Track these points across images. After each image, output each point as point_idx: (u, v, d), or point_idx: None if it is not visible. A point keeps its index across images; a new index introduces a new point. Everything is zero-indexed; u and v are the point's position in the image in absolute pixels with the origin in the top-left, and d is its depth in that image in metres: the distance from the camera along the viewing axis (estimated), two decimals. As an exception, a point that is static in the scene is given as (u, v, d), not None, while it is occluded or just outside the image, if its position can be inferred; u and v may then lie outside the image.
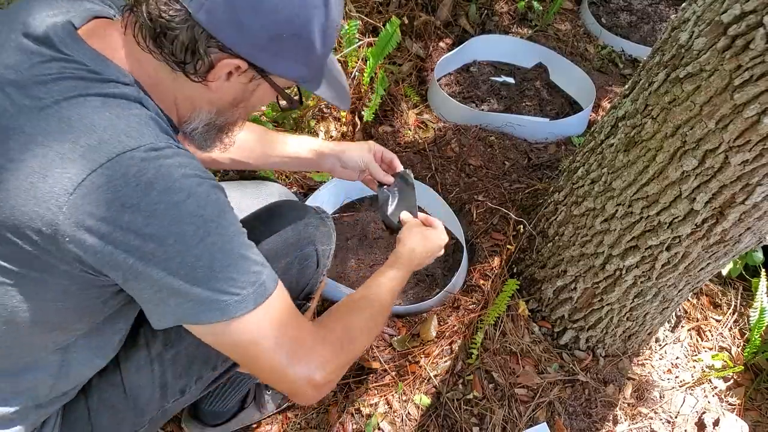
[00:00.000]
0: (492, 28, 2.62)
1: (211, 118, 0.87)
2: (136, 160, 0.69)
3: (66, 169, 0.67)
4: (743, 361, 1.68)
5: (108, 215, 0.67)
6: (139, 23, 0.74)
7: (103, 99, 0.72)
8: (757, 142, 0.99)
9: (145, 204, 0.68)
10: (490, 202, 1.86)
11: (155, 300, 0.74)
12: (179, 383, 1.01)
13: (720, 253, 1.26)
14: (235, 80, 0.81)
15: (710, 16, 1.02)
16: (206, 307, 0.73)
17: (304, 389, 0.83)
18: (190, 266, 0.71)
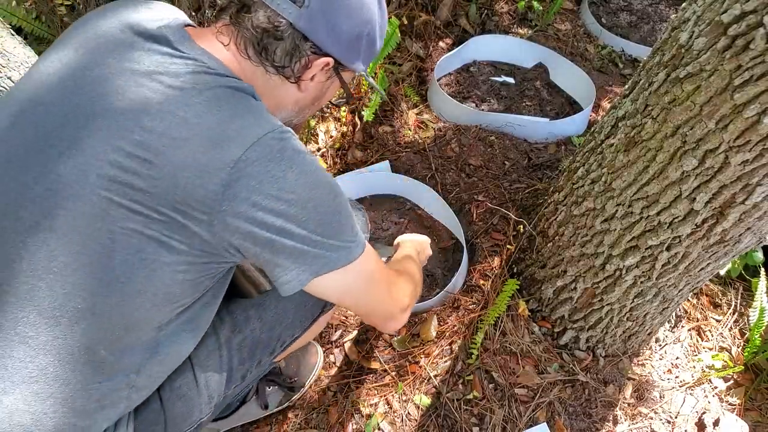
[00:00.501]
0: (492, 28, 2.62)
1: (291, 116, 1.00)
2: (276, 140, 0.80)
3: (225, 146, 0.77)
4: (743, 361, 1.68)
5: (260, 187, 0.78)
6: (240, 33, 0.87)
7: (233, 91, 0.83)
8: (757, 142, 0.99)
9: (289, 175, 0.80)
10: (490, 202, 1.86)
11: (296, 256, 0.84)
12: (242, 369, 1.07)
13: (720, 253, 1.26)
14: (317, 79, 0.95)
15: (710, 16, 1.02)
16: (338, 255, 0.86)
17: (395, 320, 1.04)
18: (326, 223, 0.84)
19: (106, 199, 0.76)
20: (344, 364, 1.56)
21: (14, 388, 0.77)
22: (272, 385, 1.44)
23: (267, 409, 1.42)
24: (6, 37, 1.41)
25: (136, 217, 0.77)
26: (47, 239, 0.77)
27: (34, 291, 0.77)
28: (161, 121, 0.77)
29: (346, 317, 1.66)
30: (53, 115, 0.81)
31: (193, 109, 0.79)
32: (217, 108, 0.80)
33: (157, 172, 0.76)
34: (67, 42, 0.88)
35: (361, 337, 1.61)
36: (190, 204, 0.77)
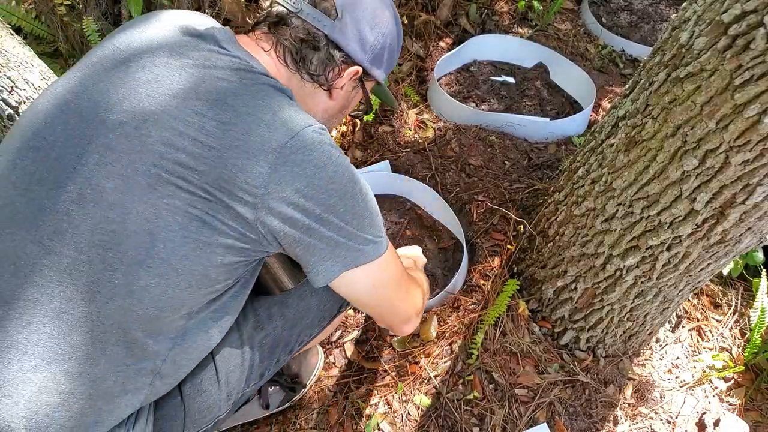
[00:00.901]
0: (492, 27, 2.62)
1: (323, 119, 1.05)
2: (316, 134, 0.84)
3: (272, 132, 0.81)
4: (744, 361, 1.68)
5: (305, 174, 0.82)
6: (279, 42, 0.95)
7: (274, 90, 0.87)
8: (758, 142, 0.99)
9: (329, 166, 0.84)
10: (491, 202, 1.86)
11: (332, 247, 0.87)
12: (262, 366, 1.09)
13: (720, 253, 1.25)
14: (345, 88, 1.03)
15: (711, 15, 1.01)
16: (370, 248, 0.90)
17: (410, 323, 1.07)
18: (360, 216, 0.88)
19: (155, 174, 0.79)
20: (344, 365, 1.56)
21: (45, 366, 0.77)
22: (274, 385, 1.44)
23: (268, 409, 1.42)
24: (5, 37, 1.41)
25: (182, 195, 0.79)
26: (93, 212, 0.78)
27: (75, 264, 0.78)
28: (211, 107, 0.81)
29: (346, 317, 1.66)
30: (106, 96, 0.84)
31: (241, 99, 0.82)
32: (262, 100, 0.84)
33: (207, 151, 0.79)
34: (115, 38, 0.92)
35: (362, 338, 1.61)
36: (236, 184, 0.79)
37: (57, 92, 0.87)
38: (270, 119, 0.82)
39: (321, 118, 1.05)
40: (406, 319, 1.06)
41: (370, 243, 0.90)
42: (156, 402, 0.95)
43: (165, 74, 0.84)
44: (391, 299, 1.01)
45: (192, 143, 0.79)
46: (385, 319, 1.06)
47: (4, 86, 1.37)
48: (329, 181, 0.84)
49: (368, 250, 0.90)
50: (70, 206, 0.79)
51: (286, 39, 0.94)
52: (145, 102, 0.82)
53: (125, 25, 0.95)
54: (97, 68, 0.87)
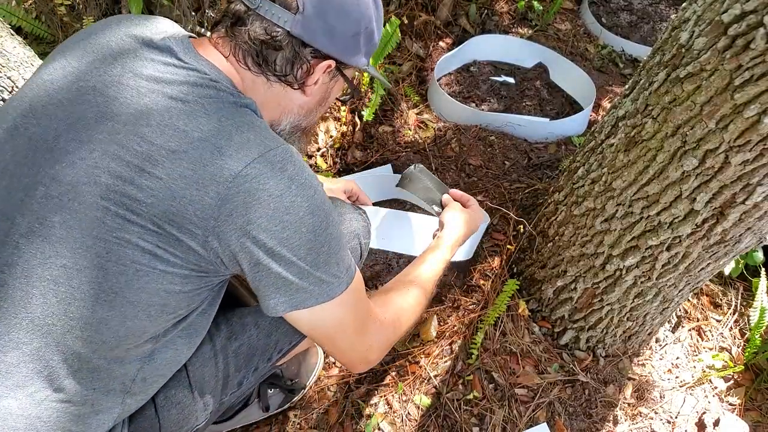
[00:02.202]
0: (492, 27, 2.62)
1: (299, 120, 0.99)
2: (278, 158, 0.79)
3: (224, 160, 0.76)
4: (743, 361, 1.68)
5: (257, 204, 0.77)
6: (238, 45, 0.87)
7: (236, 107, 0.83)
8: (758, 142, 0.99)
9: (287, 195, 0.78)
10: (490, 202, 1.86)
11: (280, 284, 0.83)
12: (239, 375, 1.06)
13: (720, 253, 1.25)
14: (320, 82, 0.94)
15: (710, 15, 1.02)
16: (320, 290, 0.85)
17: (361, 365, 1.00)
18: (317, 252, 0.82)
19: (103, 207, 0.76)
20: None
21: (8, 393, 0.77)
22: (273, 387, 1.44)
23: (268, 411, 1.42)
24: (6, 37, 1.41)
25: (131, 228, 0.76)
26: (42, 247, 0.76)
27: (28, 298, 0.77)
28: (161, 134, 0.77)
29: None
30: (54, 122, 0.80)
31: (194, 122, 0.78)
32: (218, 122, 0.79)
33: (155, 182, 0.75)
34: (67, 51, 0.87)
35: (361, 337, 1.61)
36: (185, 217, 0.76)
37: (8, 114, 0.84)
38: (224, 145, 0.77)
39: (298, 114, 0.98)
40: (357, 361, 0.99)
41: (321, 284, 0.84)
42: (130, 416, 0.94)
43: (116, 96, 0.80)
44: (337, 342, 0.94)
45: (139, 174, 0.75)
46: (336, 357, 1.01)
47: (4, 86, 1.37)
48: (285, 212, 0.79)
49: (318, 292, 0.84)
50: (20, 240, 0.77)
51: (244, 42, 0.86)
52: (93, 129, 0.78)
53: (78, 35, 0.90)
54: (47, 88, 0.83)
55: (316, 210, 0.82)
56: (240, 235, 0.78)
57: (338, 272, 0.86)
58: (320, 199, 0.83)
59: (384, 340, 0.99)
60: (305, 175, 0.82)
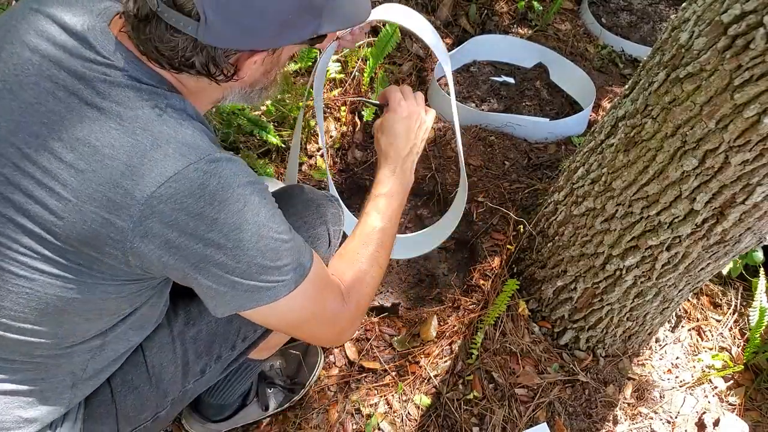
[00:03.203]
0: (492, 28, 2.62)
1: (245, 90, 0.90)
2: (199, 173, 0.73)
3: (136, 181, 0.71)
4: (743, 361, 1.68)
5: (175, 224, 0.72)
6: (146, 48, 0.75)
7: (158, 113, 0.75)
8: (758, 142, 0.99)
9: (208, 212, 0.73)
10: (490, 202, 1.86)
11: (213, 294, 0.80)
12: (200, 362, 1.04)
13: (720, 253, 1.26)
14: (259, 58, 0.82)
15: (710, 15, 1.02)
16: (259, 295, 0.81)
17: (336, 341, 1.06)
18: (246, 265, 0.77)
19: (21, 226, 0.73)
20: (344, 365, 1.56)
21: None
22: (273, 386, 1.44)
23: (267, 410, 1.42)
24: None
25: (51, 246, 0.73)
26: None
27: None
28: (72, 149, 0.71)
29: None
30: None
31: (107, 137, 0.71)
32: (132, 136, 0.72)
33: (65, 205, 0.71)
34: None
35: (362, 337, 1.61)
36: (100, 239, 0.72)
37: None
38: (136, 164, 0.71)
39: (240, 92, 0.89)
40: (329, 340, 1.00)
41: (259, 290, 0.80)
42: (86, 400, 0.94)
43: (31, 102, 0.73)
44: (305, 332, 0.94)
45: (49, 195, 0.71)
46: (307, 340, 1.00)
47: None
48: (207, 230, 0.73)
49: (258, 297, 0.81)
50: None
51: (153, 46, 0.74)
52: (4, 140, 0.73)
53: None
54: None
55: (244, 224, 0.76)
56: (161, 254, 0.74)
57: (278, 277, 0.81)
58: (249, 214, 0.76)
59: (356, 317, 0.97)
60: (231, 188, 0.75)
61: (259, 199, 0.79)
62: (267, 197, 0.82)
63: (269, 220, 0.80)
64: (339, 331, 0.95)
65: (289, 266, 0.82)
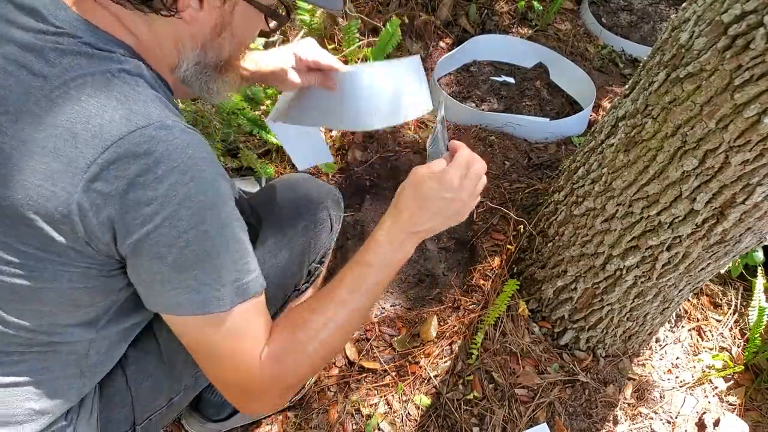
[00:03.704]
0: (492, 27, 2.62)
1: (199, 56, 0.82)
2: (145, 138, 0.68)
3: (79, 149, 0.67)
4: (743, 361, 1.68)
5: (117, 192, 0.67)
6: None
7: (108, 78, 0.70)
8: (758, 142, 0.99)
9: (150, 182, 0.67)
10: (491, 202, 1.86)
11: (146, 283, 0.74)
12: None
13: (720, 253, 1.25)
14: (207, 5, 0.77)
15: (711, 15, 1.02)
16: (186, 297, 0.72)
17: (241, 403, 0.82)
18: (178, 249, 0.70)
19: None
20: (344, 365, 1.56)
21: None
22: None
23: (267, 409, 1.42)
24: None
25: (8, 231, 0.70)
26: None
27: None
28: (16, 121, 0.69)
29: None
30: None
31: (52, 105, 0.68)
32: (78, 103, 0.68)
33: (8, 180, 0.68)
34: None
35: (362, 338, 1.61)
36: (47, 213, 0.68)
37: None
38: (80, 130, 0.67)
39: (193, 49, 0.81)
40: (236, 397, 0.82)
41: (189, 292, 0.72)
42: (102, 389, 0.93)
43: None
44: (212, 372, 0.81)
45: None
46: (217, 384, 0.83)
47: None
48: (146, 202, 0.68)
49: (184, 301, 0.72)
50: None
51: None
52: None
53: None
54: None
55: (186, 200, 0.69)
56: (104, 229, 0.69)
57: (211, 280, 0.72)
58: (195, 189, 0.70)
59: (267, 388, 0.80)
60: (181, 158, 0.69)
61: (212, 179, 0.72)
62: (222, 182, 0.74)
63: (216, 205, 0.72)
64: (247, 391, 0.80)
65: (228, 275, 0.73)
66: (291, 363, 0.79)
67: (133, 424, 0.97)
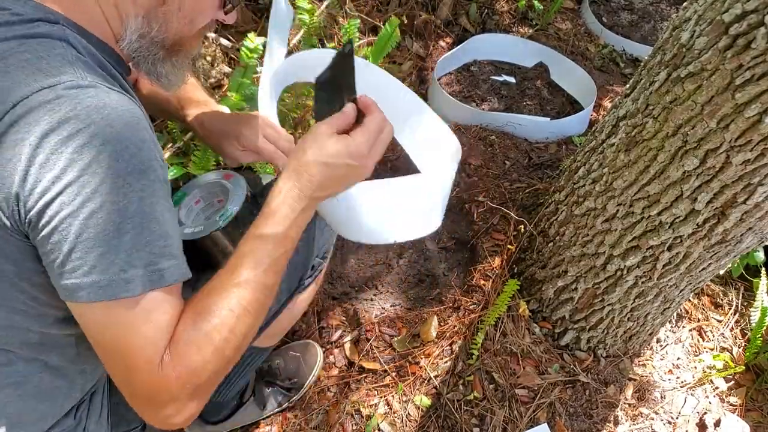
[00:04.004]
0: (492, 27, 2.62)
1: (143, 28, 0.77)
2: (51, 97, 0.63)
3: None
4: (744, 361, 1.68)
5: (16, 156, 0.62)
6: None
7: (22, 40, 0.66)
8: (759, 142, 0.98)
9: (53, 143, 0.62)
10: (491, 202, 1.86)
11: (49, 264, 0.66)
12: None
13: (721, 253, 1.25)
14: None
15: (711, 15, 1.01)
16: (89, 279, 0.64)
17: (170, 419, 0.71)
18: (81, 222, 0.63)
19: None
20: (344, 365, 1.55)
21: None
22: (271, 386, 1.44)
23: (265, 409, 1.42)
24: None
25: None
26: None
27: None
28: None
29: (346, 317, 1.65)
30: None
31: None
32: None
33: None
34: None
35: (362, 338, 1.60)
36: None
37: None
38: None
39: (136, 18, 0.76)
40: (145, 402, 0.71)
41: (89, 268, 0.64)
42: (111, 387, 0.92)
43: None
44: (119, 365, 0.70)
45: None
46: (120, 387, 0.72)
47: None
48: (46, 163, 0.62)
49: (89, 283, 0.64)
50: None
51: None
52: None
53: None
54: None
55: (94, 164, 0.62)
56: (11, 203, 0.64)
57: (116, 257, 0.64)
58: (107, 152, 0.63)
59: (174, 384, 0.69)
60: (92, 117, 0.63)
61: (131, 143, 0.65)
62: (145, 150, 0.67)
63: (131, 174, 0.64)
64: (153, 398, 0.70)
65: (144, 259, 0.66)
66: (196, 358, 0.70)
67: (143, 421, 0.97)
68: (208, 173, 1.10)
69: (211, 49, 1.95)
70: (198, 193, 1.11)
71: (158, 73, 0.84)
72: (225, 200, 1.06)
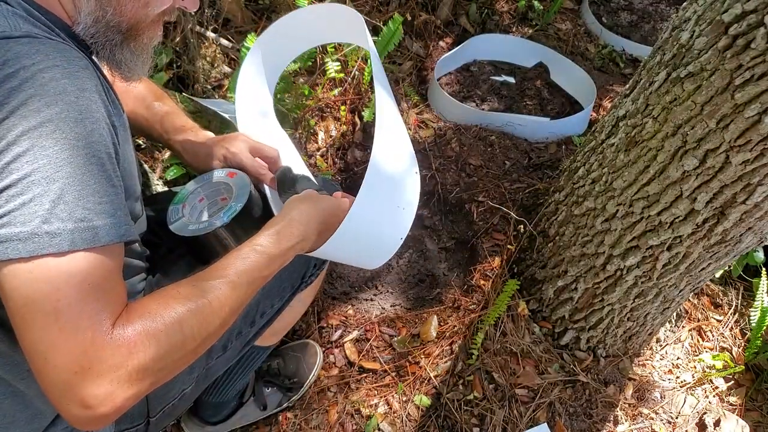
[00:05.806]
0: (492, 27, 2.62)
1: (97, 12, 0.75)
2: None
3: None
4: (744, 361, 1.68)
5: None
6: None
7: None
8: (758, 142, 0.98)
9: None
10: (491, 202, 1.86)
11: None
12: (222, 338, 0.99)
13: (721, 253, 1.25)
14: None
15: (711, 15, 1.01)
16: (8, 230, 0.57)
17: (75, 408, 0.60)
18: (2, 164, 0.57)
19: None
20: (344, 365, 1.56)
21: None
22: (270, 386, 1.44)
23: (266, 410, 1.42)
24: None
25: None
26: None
27: None
28: None
29: (346, 317, 1.66)
30: None
31: None
32: None
33: None
34: None
35: (362, 338, 1.60)
36: None
37: None
38: None
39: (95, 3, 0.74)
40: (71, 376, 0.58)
41: (15, 223, 0.57)
42: None
43: None
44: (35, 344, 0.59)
45: None
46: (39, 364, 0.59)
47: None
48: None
49: (6, 236, 0.56)
50: None
51: None
52: None
53: None
54: None
55: (20, 108, 0.58)
56: None
57: (39, 209, 0.58)
58: (37, 99, 0.59)
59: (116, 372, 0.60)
60: (22, 63, 0.60)
61: (71, 93, 0.62)
62: (87, 105, 0.64)
63: (62, 121, 0.60)
64: (86, 367, 0.58)
65: (76, 213, 0.59)
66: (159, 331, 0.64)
67: (147, 417, 0.97)
68: (211, 171, 1.11)
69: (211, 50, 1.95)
70: (202, 191, 1.13)
71: (117, 61, 0.81)
72: (229, 198, 1.08)
